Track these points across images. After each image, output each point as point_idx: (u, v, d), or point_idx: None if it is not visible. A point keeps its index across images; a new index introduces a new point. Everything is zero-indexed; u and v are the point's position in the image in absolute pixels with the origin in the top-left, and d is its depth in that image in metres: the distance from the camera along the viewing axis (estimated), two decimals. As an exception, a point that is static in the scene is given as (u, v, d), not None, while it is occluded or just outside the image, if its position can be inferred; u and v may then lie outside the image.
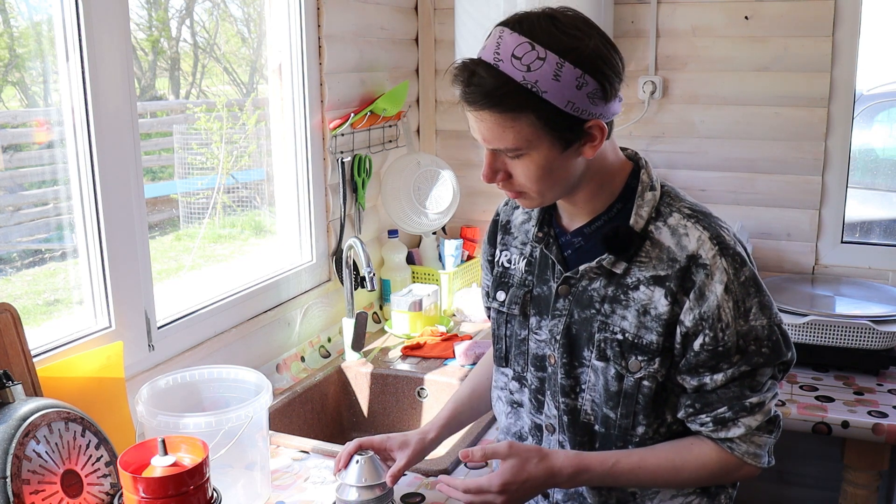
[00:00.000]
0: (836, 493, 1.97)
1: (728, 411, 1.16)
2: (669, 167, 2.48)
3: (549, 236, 1.27)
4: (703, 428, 1.19)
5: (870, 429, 1.76)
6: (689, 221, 1.17)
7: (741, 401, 1.16)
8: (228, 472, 1.40)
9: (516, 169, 1.15)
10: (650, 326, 1.16)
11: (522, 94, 1.07)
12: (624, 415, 1.20)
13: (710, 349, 1.14)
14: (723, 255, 1.14)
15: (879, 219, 2.59)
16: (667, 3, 2.39)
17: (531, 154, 1.13)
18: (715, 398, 1.17)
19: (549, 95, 1.07)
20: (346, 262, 2.12)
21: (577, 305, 1.23)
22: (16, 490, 1.07)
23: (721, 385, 1.16)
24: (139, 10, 1.85)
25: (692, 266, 1.14)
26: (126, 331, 1.55)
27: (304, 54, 2.06)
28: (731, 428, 1.17)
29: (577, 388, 1.24)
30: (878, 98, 3.06)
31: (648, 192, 1.19)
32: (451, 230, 2.75)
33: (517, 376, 1.34)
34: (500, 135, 1.11)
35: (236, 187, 2.12)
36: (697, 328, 1.14)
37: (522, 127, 1.10)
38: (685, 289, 1.14)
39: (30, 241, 1.56)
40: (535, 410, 1.32)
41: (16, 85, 1.55)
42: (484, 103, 1.10)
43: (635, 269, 1.18)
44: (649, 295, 1.16)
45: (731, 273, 1.14)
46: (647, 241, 1.17)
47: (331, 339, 2.23)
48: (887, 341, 1.95)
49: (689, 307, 1.14)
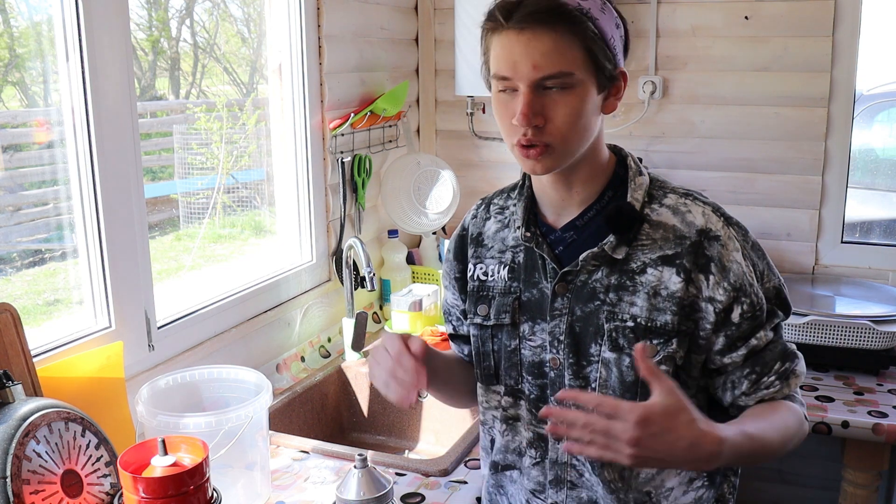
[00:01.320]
0: (836, 493, 1.97)
1: (786, 362, 1.19)
2: (669, 167, 2.48)
3: (538, 236, 1.23)
4: (771, 390, 1.18)
5: (870, 429, 1.76)
6: (687, 199, 1.19)
7: (785, 350, 1.19)
8: (228, 472, 1.40)
9: (558, 109, 1.11)
10: (663, 307, 1.14)
11: (579, 16, 1.09)
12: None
13: (750, 315, 1.15)
14: (730, 225, 1.17)
15: (879, 219, 2.59)
16: (667, 3, 2.39)
17: (577, 89, 1.11)
18: (770, 356, 1.18)
19: (599, 24, 1.10)
20: (346, 262, 2.12)
21: (577, 301, 1.20)
22: (16, 490, 1.07)
23: (766, 343, 1.18)
24: (139, 10, 1.85)
25: (704, 240, 1.15)
26: (126, 331, 1.55)
27: (304, 54, 2.06)
28: (791, 378, 1.19)
29: (588, 388, 1.21)
30: (878, 98, 3.05)
31: (639, 176, 1.20)
32: (451, 230, 2.75)
33: (510, 391, 1.28)
34: (556, 59, 1.09)
35: (236, 187, 2.13)
36: (732, 300, 1.14)
37: (577, 52, 1.10)
38: (700, 265, 1.14)
39: (30, 241, 1.57)
40: (536, 421, 1.26)
41: (16, 85, 1.55)
42: (544, 21, 1.08)
43: (638, 253, 1.16)
44: (658, 276, 1.15)
45: (741, 240, 1.17)
46: (646, 223, 1.17)
47: (331, 339, 2.23)
48: (887, 341, 1.95)
49: (716, 282, 1.14)
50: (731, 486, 1.30)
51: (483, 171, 2.71)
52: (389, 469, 1.55)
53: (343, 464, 1.58)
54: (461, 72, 2.41)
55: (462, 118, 2.66)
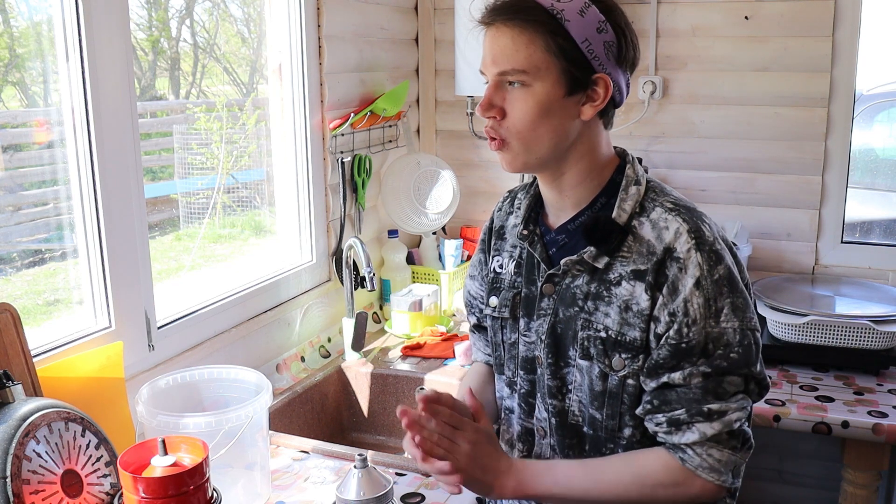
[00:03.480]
0: (836, 493, 1.97)
1: (684, 413, 1.11)
2: (669, 167, 2.48)
3: (535, 234, 1.25)
4: (658, 429, 1.14)
5: (870, 429, 1.76)
6: (669, 214, 1.15)
7: (700, 405, 1.11)
8: (228, 472, 1.40)
9: (514, 104, 1.14)
10: (633, 323, 1.14)
11: (546, 16, 1.10)
12: (610, 415, 1.18)
13: (673, 345, 1.10)
14: (699, 250, 1.11)
15: (879, 219, 2.59)
16: (667, 3, 2.39)
17: (534, 87, 1.12)
18: (674, 397, 1.12)
19: (570, 26, 1.10)
20: (346, 262, 2.12)
21: (561, 304, 1.21)
22: (16, 490, 1.07)
23: (679, 384, 1.11)
24: (139, 10, 1.85)
25: (667, 259, 1.12)
26: (126, 331, 1.55)
27: (304, 54, 2.06)
28: (685, 432, 1.11)
29: (564, 388, 1.22)
30: (878, 98, 3.05)
31: (633, 186, 1.18)
32: (451, 230, 2.75)
33: (508, 381, 1.32)
34: (512, 54, 1.12)
35: (236, 187, 2.12)
36: (667, 325, 1.11)
37: (536, 50, 1.11)
38: (659, 283, 1.12)
39: (30, 241, 1.56)
40: (525, 415, 1.29)
41: (16, 85, 1.55)
42: (507, 16, 1.11)
43: (617, 264, 1.16)
44: (630, 290, 1.14)
45: (706, 269, 1.10)
46: (631, 236, 1.16)
47: (331, 339, 2.23)
48: (887, 341, 1.95)
49: (663, 303, 1.12)
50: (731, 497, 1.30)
51: (483, 171, 2.71)
52: (389, 469, 1.55)
53: (343, 464, 1.58)
54: (461, 72, 2.41)
55: (462, 118, 2.66)
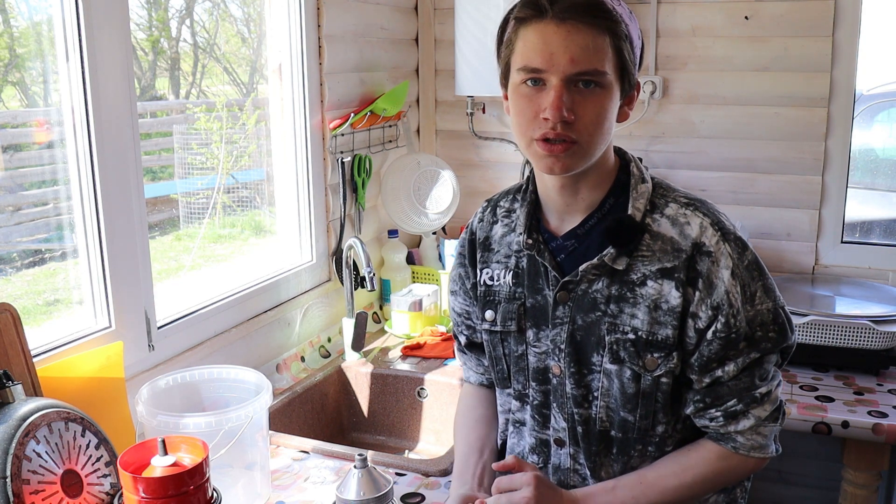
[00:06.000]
0: (836, 493, 1.97)
1: (738, 403, 1.15)
2: (669, 167, 2.48)
3: (540, 242, 1.23)
4: (713, 423, 1.17)
5: (870, 429, 1.76)
6: (687, 210, 1.16)
7: (751, 391, 1.15)
8: (228, 472, 1.40)
9: (587, 107, 1.10)
10: (664, 321, 1.14)
11: (616, 18, 1.09)
12: (643, 416, 1.18)
13: (723, 337, 1.12)
14: (725, 241, 1.14)
15: (879, 219, 2.59)
16: (667, 3, 2.39)
17: (606, 90, 1.10)
18: (726, 391, 1.15)
19: (630, 29, 1.11)
20: (346, 262, 2.12)
21: (578, 311, 1.19)
22: (16, 490, 1.07)
23: (733, 377, 1.14)
24: (139, 10, 1.85)
25: (696, 254, 1.13)
26: (126, 331, 1.55)
27: (304, 54, 2.06)
28: (741, 420, 1.15)
29: (590, 395, 1.21)
30: (878, 98, 3.05)
31: (641, 184, 1.18)
32: (451, 230, 2.75)
33: (518, 395, 1.30)
34: (592, 55, 1.08)
35: (236, 187, 2.12)
36: (711, 319, 1.13)
37: (611, 53, 1.09)
38: (690, 279, 1.13)
39: (30, 241, 1.56)
40: (539, 427, 1.27)
41: (16, 85, 1.55)
42: (586, 15, 1.07)
43: (638, 264, 1.15)
44: (658, 289, 1.14)
45: (736, 258, 1.13)
46: (647, 234, 1.16)
47: (331, 339, 2.23)
48: (887, 341, 1.95)
49: (701, 298, 1.13)
50: (744, 490, 1.30)
51: (483, 171, 2.71)
52: (389, 469, 1.55)
53: (343, 464, 1.58)
54: (461, 72, 2.41)
55: (462, 118, 2.66)
